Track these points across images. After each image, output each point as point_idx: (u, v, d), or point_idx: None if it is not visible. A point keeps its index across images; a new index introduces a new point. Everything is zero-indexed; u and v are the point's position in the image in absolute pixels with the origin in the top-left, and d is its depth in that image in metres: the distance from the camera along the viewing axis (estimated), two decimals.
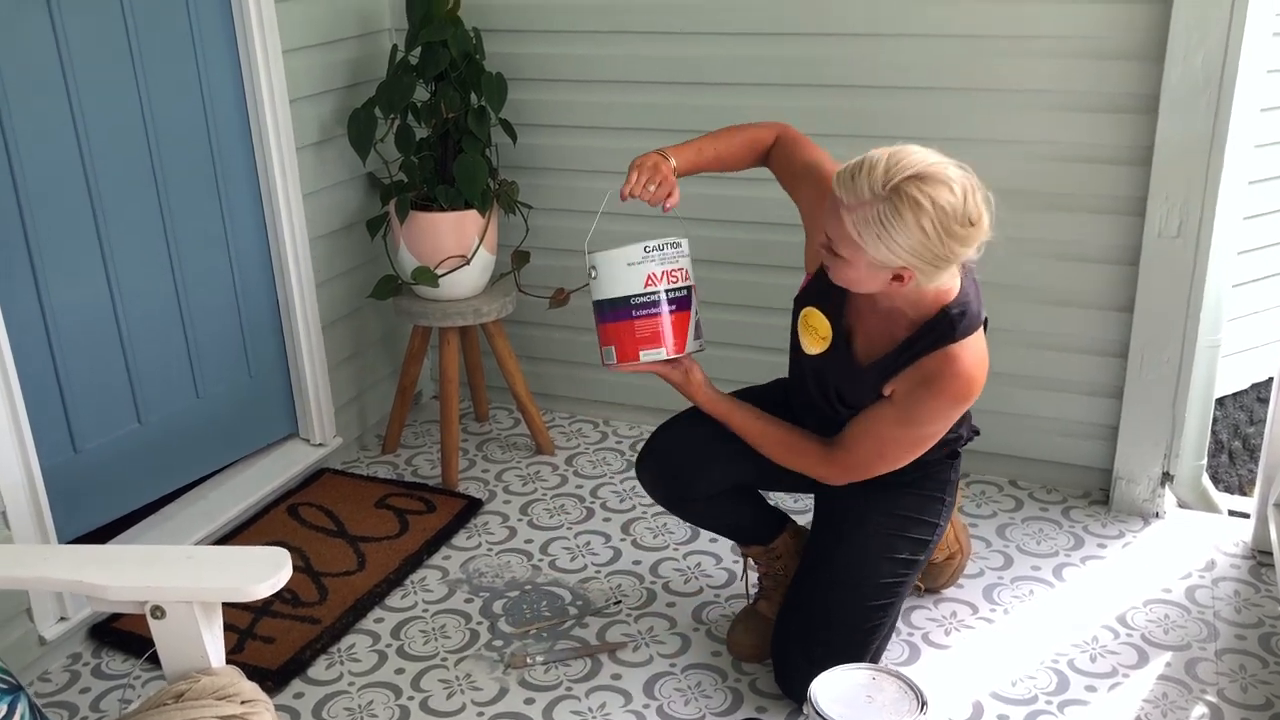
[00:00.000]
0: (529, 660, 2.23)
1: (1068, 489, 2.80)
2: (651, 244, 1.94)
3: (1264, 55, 2.46)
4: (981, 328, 1.90)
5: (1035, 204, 2.59)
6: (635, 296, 1.96)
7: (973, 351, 1.85)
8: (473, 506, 2.79)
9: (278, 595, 2.43)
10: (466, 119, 2.73)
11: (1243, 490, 3.84)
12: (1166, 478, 2.64)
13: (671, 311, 1.96)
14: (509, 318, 3.01)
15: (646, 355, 1.98)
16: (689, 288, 1.99)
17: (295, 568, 2.51)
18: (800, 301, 2.05)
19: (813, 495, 2.21)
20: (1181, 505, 2.73)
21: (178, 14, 2.44)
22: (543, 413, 3.24)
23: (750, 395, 2.18)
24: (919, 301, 1.85)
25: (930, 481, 2.09)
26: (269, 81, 2.61)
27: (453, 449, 2.87)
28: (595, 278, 1.98)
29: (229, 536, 2.65)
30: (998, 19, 2.49)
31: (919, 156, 1.72)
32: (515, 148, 2.93)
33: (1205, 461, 2.79)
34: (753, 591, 2.34)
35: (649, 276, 1.94)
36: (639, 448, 3.05)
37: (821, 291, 1.99)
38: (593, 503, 2.82)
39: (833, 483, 2.03)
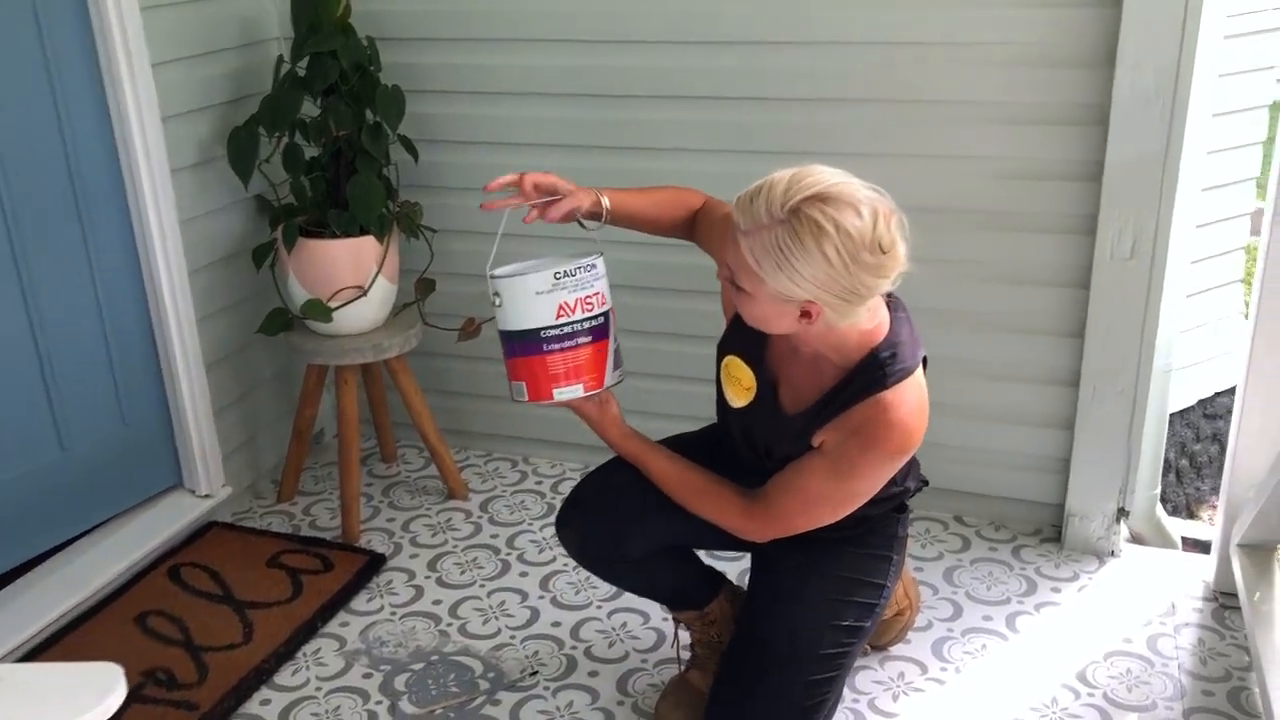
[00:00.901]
0: None
1: (1017, 526, 2.62)
2: (562, 269, 1.72)
3: (1216, 60, 2.30)
4: (921, 368, 1.71)
5: (978, 224, 2.41)
6: (547, 329, 1.74)
7: (908, 399, 1.66)
8: (375, 563, 2.53)
9: (150, 677, 2.16)
10: (360, 136, 2.48)
11: (1189, 509, 3.71)
12: (1122, 514, 2.47)
13: (588, 343, 1.76)
14: (415, 350, 2.76)
15: (561, 393, 1.77)
16: (606, 313, 1.78)
17: (174, 642, 2.27)
18: (722, 349, 1.85)
19: (750, 554, 2.00)
20: (1134, 538, 2.57)
21: (23, 24, 2.16)
22: (456, 451, 3.00)
23: (679, 442, 1.97)
24: (842, 344, 1.66)
25: (876, 538, 1.89)
26: (136, 97, 2.33)
27: (353, 498, 2.62)
28: (500, 305, 1.76)
29: (100, 607, 2.37)
30: (936, 25, 2.30)
31: (823, 176, 1.53)
32: (417, 166, 2.68)
33: (1159, 491, 2.64)
34: (684, 658, 2.12)
35: (561, 306, 1.73)
36: (561, 488, 2.83)
37: (742, 338, 1.78)
38: (509, 554, 2.58)
39: (754, 538, 1.83)
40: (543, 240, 2.10)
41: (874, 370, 1.65)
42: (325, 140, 2.48)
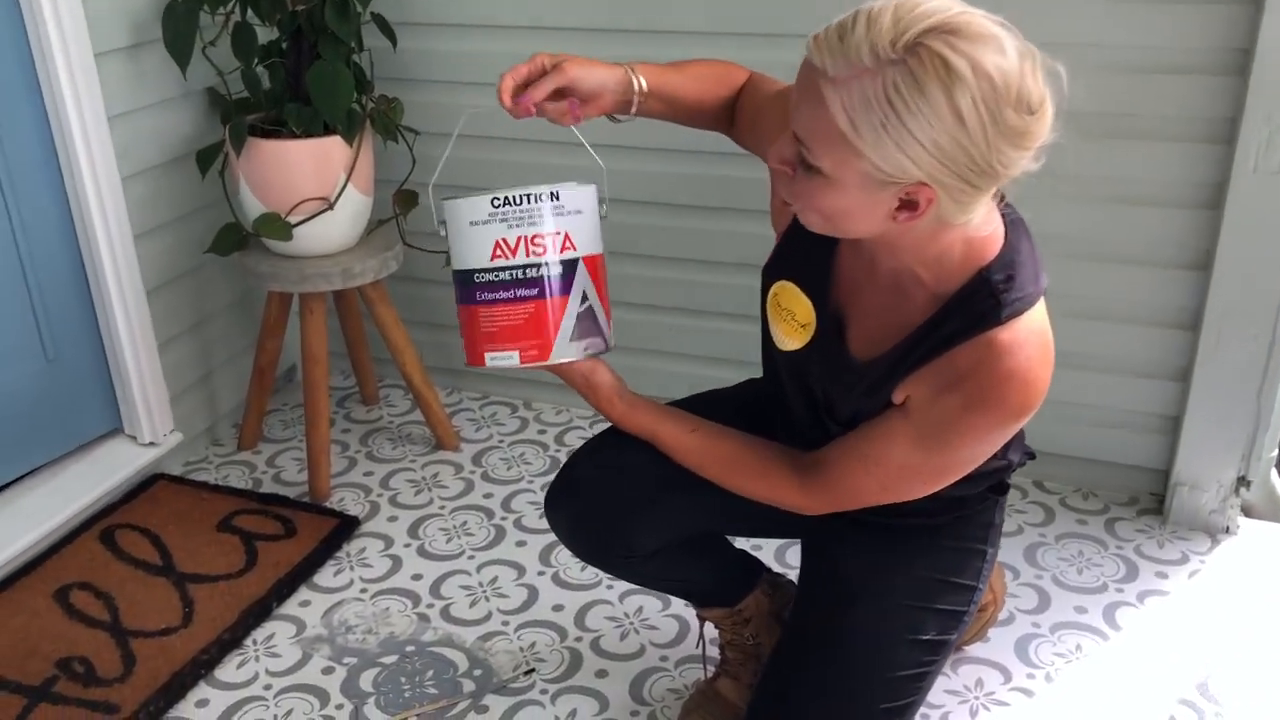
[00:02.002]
0: None
1: (1110, 494, 2.20)
2: (503, 196, 1.29)
3: None
4: (1041, 300, 1.27)
5: (1080, 129, 1.94)
6: (480, 272, 1.31)
7: (1030, 340, 1.21)
8: (346, 527, 2.14)
9: (66, 669, 1.79)
10: (324, 13, 2.03)
11: None
12: (1242, 483, 2.05)
13: (530, 298, 1.30)
14: (395, 275, 2.34)
15: (494, 359, 1.33)
16: (569, 263, 1.31)
17: (98, 624, 1.89)
18: (769, 274, 1.41)
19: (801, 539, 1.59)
20: (1241, 509, 2.15)
21: None
22: (446, 394, 2.60)
23: (704, 402, 1.54)
24: (943, 260, 1.21)
25: (969, 527, 1.48)
26: None
27: (320, 451, 2.21)
28: (445, 235, 1.35)
29: (15, 577, 1.99)
30: None
31: (939, 2, 1.06)
32: (395, 54, 2.23)
33: (1277, 453, 2.22)
34: (713, 659, 1.72)
35: (497, 245, 1.29)
36: (567, 440, 2.43)
37: (798, 258, 1.35)
38: (504, 518, 2.18)
39: (805, 514, 1.40)
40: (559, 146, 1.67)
41: (984, 298, 1.21)
42: (281, 18, 2.04)
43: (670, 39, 2.11)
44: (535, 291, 1.30)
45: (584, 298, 1.33)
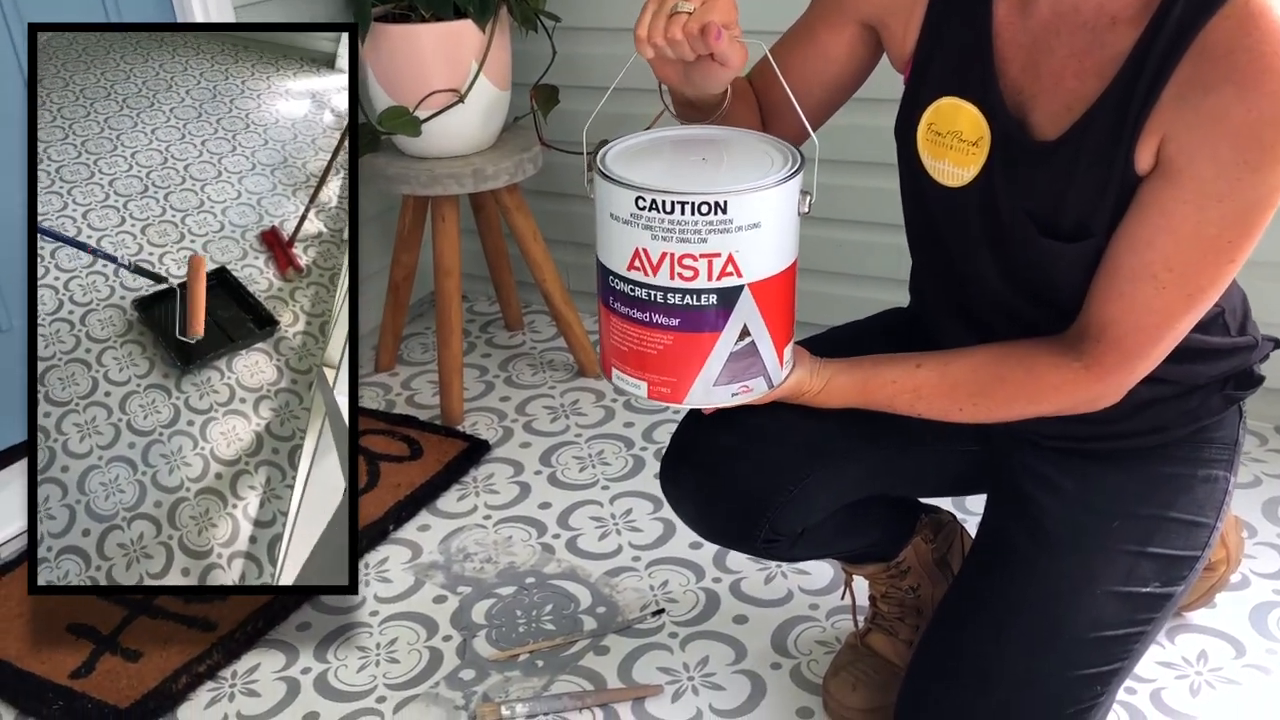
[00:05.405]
0: (504, 712, 1.41)
1: None
2: (652, 196, 0.93)
3: None
4: None
5: None
6: (615, 277, 1.00)
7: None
8: (475, 451, 1.98)
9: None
10: None
11: None
12: None
13: (668, 329, 0.99)
14: (535, 185, 2.16)
15: (621, 381, 1.04)
16: (732, 291, 0.97)
17: None
18: (910, 110, 1.10)
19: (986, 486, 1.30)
20: None
21: None
22: (595, 319, 2.40)
23: (856, 337, 1.27)
24: None
25: (1206, 446, 1.17)
26: None
27: (453, 371, 2.05)
28: (593, 196, 1.03)
29: None
30: None
31: None
32: None
33: None
34: (861, 617, 1.46)
35: (636, 254, 0.97)
36: None
37: (940, 75, 1.06)
38: (644, 448, 1.97)
39: (1096, 406, 1.06)
40: None
41: None
42: None
43: None
44: (675, 322, 0.98)
45: (744, 333, 0.99)
